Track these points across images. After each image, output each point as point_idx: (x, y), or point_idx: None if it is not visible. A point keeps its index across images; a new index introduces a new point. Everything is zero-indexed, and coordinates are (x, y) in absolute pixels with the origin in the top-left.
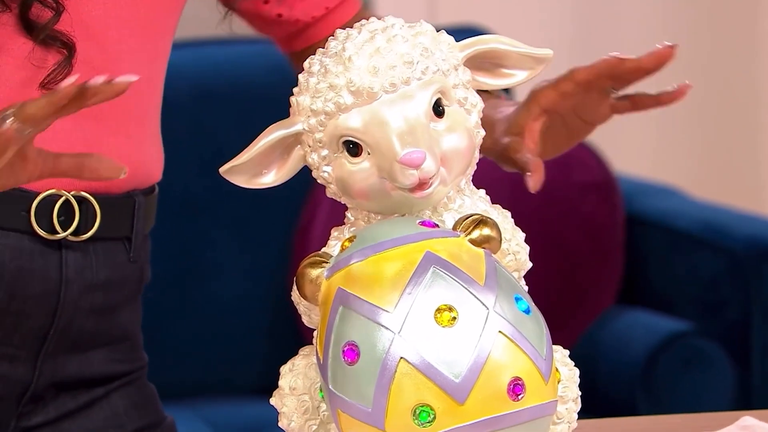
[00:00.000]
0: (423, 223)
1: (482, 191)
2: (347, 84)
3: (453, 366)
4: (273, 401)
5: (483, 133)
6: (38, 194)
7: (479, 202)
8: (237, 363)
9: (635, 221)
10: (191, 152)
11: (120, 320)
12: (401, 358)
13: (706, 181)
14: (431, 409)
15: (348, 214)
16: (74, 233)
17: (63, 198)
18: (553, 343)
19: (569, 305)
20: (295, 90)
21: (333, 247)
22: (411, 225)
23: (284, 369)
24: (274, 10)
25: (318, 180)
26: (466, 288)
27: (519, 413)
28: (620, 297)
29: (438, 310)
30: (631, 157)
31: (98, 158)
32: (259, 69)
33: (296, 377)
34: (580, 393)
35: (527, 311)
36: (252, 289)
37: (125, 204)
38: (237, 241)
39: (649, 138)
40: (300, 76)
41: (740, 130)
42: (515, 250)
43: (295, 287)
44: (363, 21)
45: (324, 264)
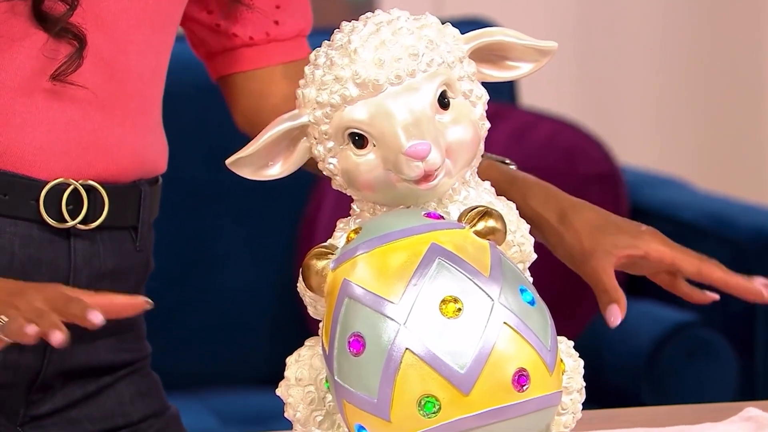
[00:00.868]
0: (428, 215)
1: (487, 183)
2: (353, 76)
3: (458, 357)
4: (279, 392)
5: (488, 125)
6: (47, 183)
7: (484, 194)
8: (243, 353)
9: (640, 212)
10: (198, 144)
11: None
12: (406, 349)
13: (711, 173)
14: (436, 400)
15: (353, 206)
16: (83, 222)
17: (71, 187)
18: (558, 335)
19: (574, 296)
20: (301, 82)
21: (338, 239)
22: (416, 217)
23: (290, 360)
24: (215, 20)
25: (324, 172)
26: (471, 279)
27: (524, 404)
28: (625, 288)
29: (443, 302)
30: (636, 149)
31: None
32: None
33: (302, 368)
34: (585, 384)
35: (532, 302)
36: (258, 280)
37: (132, 193)
38: (243, 233)
39: (654, 129)
40: (306, 69)
41: (744, 122)
42: (520, 242)
43: (301, 278)
44: (368, 13)
45: (330, 255)
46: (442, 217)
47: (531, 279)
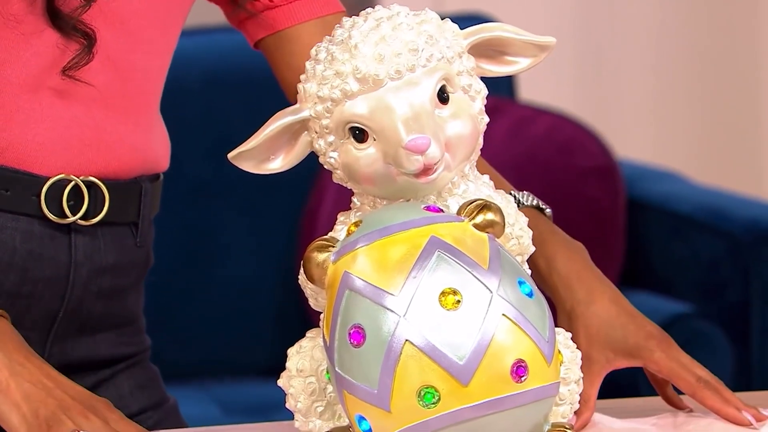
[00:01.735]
0: (428, 208)
1: (486, 177)
2: (353, 71)
3: (457, 348)
4: (280, 382)
5: (487, 120)
6: (48, 179)
7: (483, 188)
8: (245, 344)
9: (637, 205)
10: (201, 138)
11: (126, 303)
12: (406, 341)
13: (706, 166)
14: (436, 391)
15: (354, 199)
16: (83, 217)
17: (72, 183)
18: (556, 326)
19: None
20: (302, 77)
21: (339, 232)
22: (416, 210)
23: (291, 351)
24: None
25: (324, 166)
26: (470, 272)
27: (522, 395)
28: (622, 279)
29: (442, 294)
30: (633, 143)
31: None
32: None
33: (303, 359)
34: (582, 375)
35: (530, 294)
36: (260, 273)
37: (132, 190)
38: (245, 225)
39: (651, 124)
40: (307, 64)
41: (740, 117)
42: (518, 235)
43: (302, 271)
44: (369, 9)
45: (331, 248)
46: (442, 211)
47: (529, 271)
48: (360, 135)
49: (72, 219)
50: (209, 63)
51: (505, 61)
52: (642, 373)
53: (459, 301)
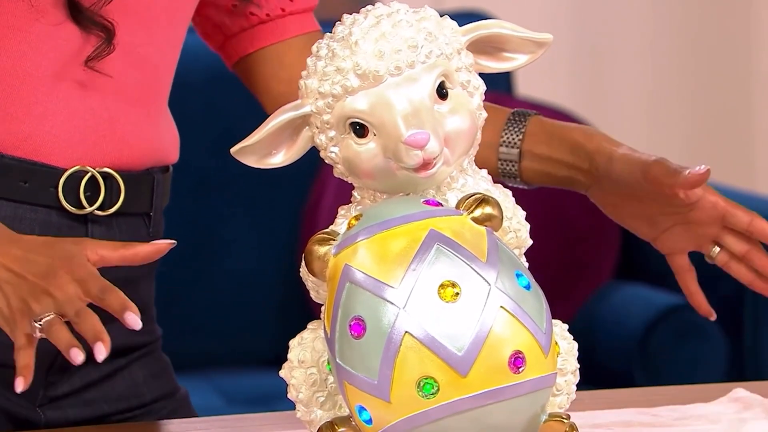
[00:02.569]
0: (427, 202)
1: (484, 171)
2: (354, 67)
3: (456, 340)
4: (282, 373)
5: (485, 115)
6: (65, 171)
7: (481, 182)
8: (248, 336)
9: None
10: (204, 133)
11: (139, 293)
12: (406, 332)
13: (700, 161)
14: (435, 381)
15: (354, 193)
16: (100, 208)
17: (89, 174)
18: (553, 318)
19: (568, 281)
20: (304, 73)
21: (340, 225)
22: (415, 204)
23: (293, 342)
24: (232, 1)
25: (326, 160)
26: (469, 264)
27: (519, 385)
28: (618, 272)
29: (441, 286)
30: (627, 137)
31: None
32: None
33: (304, 350)
34: (579, 365)
35: (528, 287)
36: (262, 265)
37: (146, 181)
38: (248, 219)
39: (644, 118)
40: (308, 60)
41: (732, 113)
42: (516, 228)
43: (304, 264)
44: (369, 6)
45: (331, 241)
46: (441, 204)
47: (527, 264)
48: (360, 130)
49: (89, 210)
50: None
51: (503, 58)
52: (637, 364)
53: (458, 294)
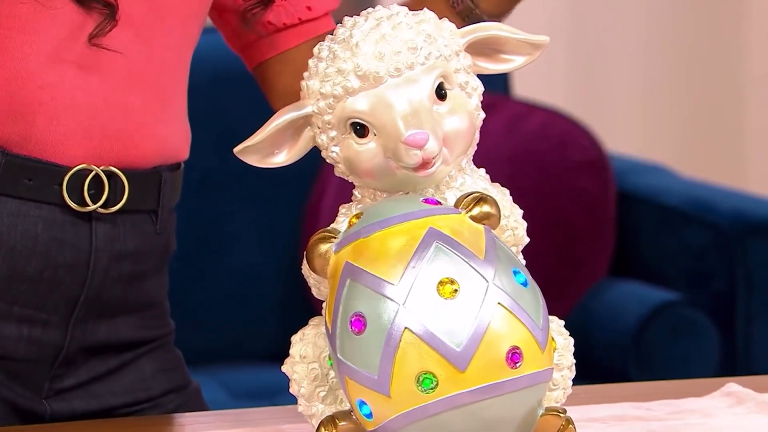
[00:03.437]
0: (426, 201)
1: (482, 170)
2: (354, 69)
3: (454, 336)
4: (284, 368)
5: (483, 115)
6: (70, 169)
7: (479, 181)
8: (251, 331)
9: (626, 197)
10: (208, 132)
11: (147, 288)
12: (405, 328)
13: (693, 160)
14: (434, 377)
15: (355, 192)
16: (103, 206)
17: (93, 172)
18: (549, 314)
19: (564, 277)
20: (305, 74)
21: (341, 223)
22: (415, 202)
23: (295, 338)
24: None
25: (327, 160)
26: (467, 262)
27: (517, 380)
28: (612, 269)
29: (440, 283)
30: (623, 137)
31: None
32: None
33: (306, 346)
34: (575, 361)
35: (525, 284)
36: (265, 262)
37: (152, 179)
38: (251, 216)
39: (640, 119)
40: (309, 62)
41: (725, 112)
42: (513, 226)
43: (305, 261)
44: (369, 9)
45: (332, 239)
46: (440, 203)
47: (524, 261)
48: (361, 130)
49: (92, 207)
50: (216, 60)
51: (501, 59)
52: (631, 359)
53: (456, 291)
